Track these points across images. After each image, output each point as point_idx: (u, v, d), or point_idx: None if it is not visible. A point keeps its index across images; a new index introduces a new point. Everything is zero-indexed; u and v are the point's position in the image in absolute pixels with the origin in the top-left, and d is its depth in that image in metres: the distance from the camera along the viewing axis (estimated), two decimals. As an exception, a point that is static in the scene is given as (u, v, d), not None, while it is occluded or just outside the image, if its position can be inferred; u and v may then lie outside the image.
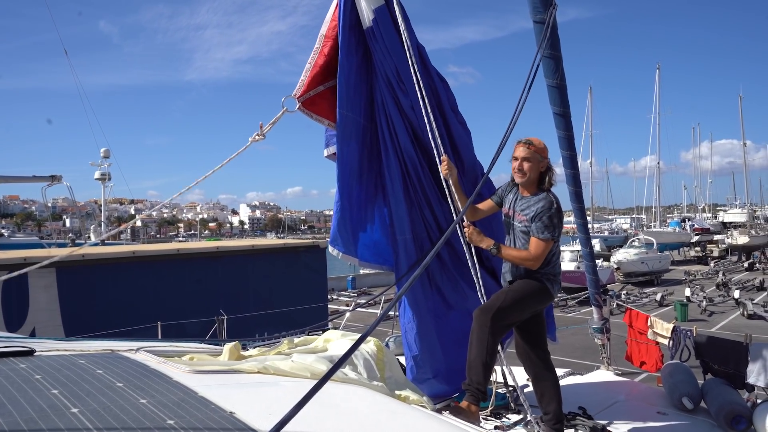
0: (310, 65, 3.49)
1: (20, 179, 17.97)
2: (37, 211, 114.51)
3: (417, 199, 3.73)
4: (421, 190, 3.72)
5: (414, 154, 3.68)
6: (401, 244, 3.67)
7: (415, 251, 3.70)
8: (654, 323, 4.93)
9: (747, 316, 17.42)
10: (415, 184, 3.71)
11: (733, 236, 42.75)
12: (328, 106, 3.58)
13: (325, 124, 3.64)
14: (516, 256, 2.97)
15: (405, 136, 3.65)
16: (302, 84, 3.49)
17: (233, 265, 9.31)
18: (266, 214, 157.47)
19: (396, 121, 3.64)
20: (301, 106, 3.47)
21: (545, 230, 2.92)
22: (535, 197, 3.03)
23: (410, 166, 3.69)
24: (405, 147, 3.66)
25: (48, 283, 7.37)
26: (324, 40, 3.51)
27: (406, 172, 3.69)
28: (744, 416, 3.35)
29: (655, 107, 47.15)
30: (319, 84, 3.54)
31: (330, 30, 3.51)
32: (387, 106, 3.63)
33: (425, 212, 3.74)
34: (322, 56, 3.50)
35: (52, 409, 1.28)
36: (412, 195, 3.72)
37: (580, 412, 3.39)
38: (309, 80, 3.48)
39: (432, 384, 3.64)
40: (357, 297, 22.96)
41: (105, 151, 24.53)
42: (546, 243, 2.92)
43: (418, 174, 3.69)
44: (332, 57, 3.51)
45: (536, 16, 3.22)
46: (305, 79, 3.48)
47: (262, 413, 1.38)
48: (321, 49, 3.50)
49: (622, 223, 63.57)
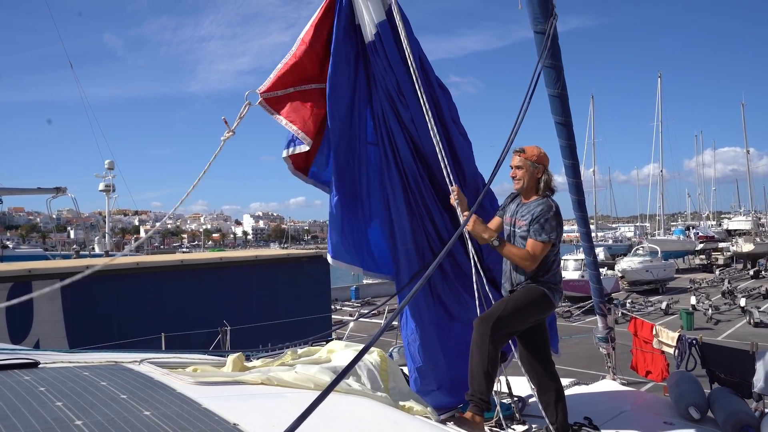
0: (281, 65, 3.52)
1: (25, 191, 18.14)
2: (42, 223, 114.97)
3: (418, 210, 3.76)
4: (422, 201, 3.75)
5: (414, 166, 3.71)
6: (402, 254, 3.68)
7: (417, 261, 3.71)
8: (659, 332, 4.90)
9: (753, 324, 17.26)
10: (416, 196, 3.74)
11: (738, 244, 42.47)
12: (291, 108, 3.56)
13: (283, 123, 3.58)
14: (515, 254, 3.01)
15: (406, 148, 3.69)
16: (269, 81, 3.50)
17: (237, 275, 9.31)
18: (270, 225, 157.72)
19: (397, 134, 3.67)
20: (263, 101, 3.46)
21: (542, 232, 2.98)
22: (535, 202, 3.10)
23: (411, 177, 3.72)
24: (406, 159, 3.69)
25: (52, 294, 7.38)
26: (299, 43, 3.55)
27: (407, 184, 3.72)
28: (752, 426, 3.31)
29: (657, 115, 47.27)
30: (290, 86, 3.54)
31: (306, 35, 3.55)
32: (388, 119, 3.66)
33: (426, 223, 3.77)
34: (293, 58, 3.53)
35: (56, 421, 1.29)
36: (413, 206, 3.75)
37: (586, 422, 3.36)
38: (275, 78, 3.50)
39: (436, 395, 3.63)
40: (361, 307, 22.91)
41: (109, 162, 24.66)
42: (543, 244, 2.98)
43: (419, 185, 3.72)
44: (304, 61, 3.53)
45: (537, 27, 3.25)
46: (273, 76, 3.50)
47: (266, 425, 1.38)
48: (294, 51, 3.54)
49: (626, 231, 63.37)
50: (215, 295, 8.72)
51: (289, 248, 52.12)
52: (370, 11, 3.51)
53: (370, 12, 3.52)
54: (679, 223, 63.20)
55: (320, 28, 3.56)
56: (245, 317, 8.41)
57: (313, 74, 3.62)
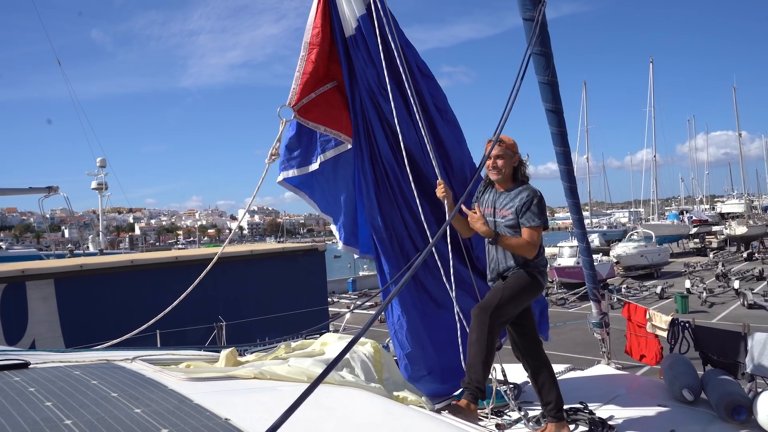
0: (299, 74, 3.55)
1: (17, 191, 18.01)
2: (36, 223, 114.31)
3: (396, 201, 3.82)
4: (400, 192, 3.80)
5: (393, 159, 3.75)
6: (378, 243, 3.77)
7: (392, 250, 3.78)
8: (652, 316, 4.94)
9: (747, 306, 17.43)
10: (395, 187, 3.79)
11: (732, 227, 42.74)
12: (321, 112, 3.64)
13: (321, 130, 3.67)
14: (515, 244, 3.03)
15: (384, 140, 3.72)
16: (295, 92, 3.54)
17: (233, 271, 9.29)
18: (265, 219, 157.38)
19: (376, 127, 3.71)
20: (297, 113, 3.53)
21: (535, 217, 3.02)
22: (515, 191, 3.11)
23: (389, 169, 3.77)
24: (384, 151, 3.73)
25: (46, 294, 7.35)
26: (309, 47, 3.56)
27: (385, 176, 3.78)
28: (744, 406, 3.34)
29: (649, 101, 47.33)
30: (311, 92, 3.59)
31: (314, 37, 3.55)
32: (367, 112, 3.70)
33: (405, 214, 3.83)
34: (310, 63, 3.56)
35: (46, 421, 1.28)
36: (392, 197, 3.81)
37: (581, 406, 3.38)
38: (301, 88, 3.54)
39: (428, 382, 3.66)
40: (357, 299, 22.98)
41: (101, 160, 24.52)
42: (539, 230, 3.04)
43: (398, 178, 3.77)
44: (319, 63, 3.57)
45: (526, 14, 3.23)
46: (297, 87, 3.54)
47: (258, 419, 1.37)
48: (308, 57, 3.56)
49: (621, 217, 63.67)
50: (211, 290, 8.71)
51: (285, 242, 52.10)
52: (351, 5, 3.50)
53: (351, 5, 3.50)
54: (673, 208, 63.55)
55: (324, 27, 3.58)
56: (242, 312, 8.42)
57: (323, 74, 3.67)
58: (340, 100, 3.74)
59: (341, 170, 3.90)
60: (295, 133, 3.74)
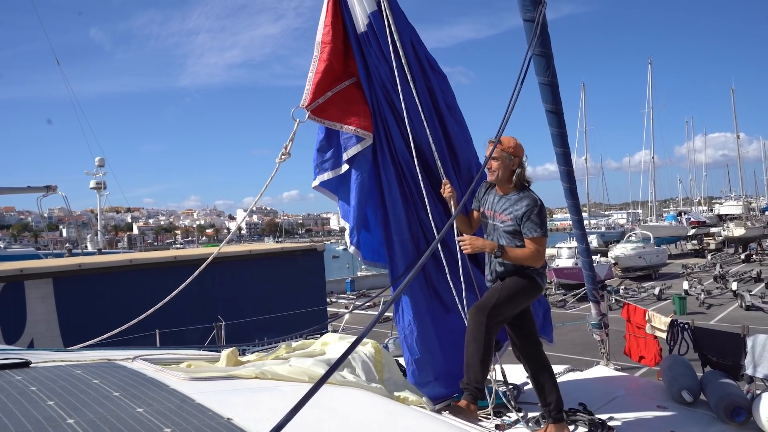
0: (312, 74, 3.51)
1: (15, 190, 17.95)
2: (34, 222, 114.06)
3: (413, 200, 3.75)
4: (417, 191, 3.73)
5: (409, 157, 3.68)
6: (398, 245, 3.68)
7: (412, 252, 3.70)
8: (652, 317, 4.94)
9: (745, 308, 17.45)
10: (411, 186, 3.72)
11: (730, 228, 42.79)
12: (338, 110, 3.58)
13: (338, 128, 3.61)
14: (520, 256, 3.01)
15: (400, 139, 3.67)
16: (308, 93, 3.50)
17: (231, 270, 9.29)
18: (263, 219, 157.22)
19: (391, 125, 3.65)
20: (311, 114, 3.49)
21: (538, 228, 3.00)
22: (516, 196, 3.09)
23: (405, 168, 3.70)
24: (400, 150, 3.67)
25: (45, 293, 7.34)
26: (321, 46, 3.53)
27: (402, 174, 3.71)
28: (743, 408, 3.35)
29: (648, 102, 47.38)
30: (327, 90, 3.55)
31: (325, 35, 3.53)
32: (382, 110, 3.64)
33: (421, 214, 3.75)
34: (322, 62, 3.52)
35: (48, 420, 1.28)
36: (408, 196, 3.74)
37: (581, 407, 3.39)
38: (314, 88, 3.50)
39: (434, 386, 3.64)
40: (356, 299, 22.96)
41: (100, 160, 24.50)
42: (543, 238, 3.02)
43: (414, 176, 3.70)
44: (332, 61, 3.54)
45: (526, 14, 3.23)
46: (310, 87, 3.50)
47: (260, 419, 1.37)
48: (320, 56, 3.52)
49: (619, 218, 63.77)
50: (210, 290, 8.70)
51: (283, 242, 52.05)
52: (362, 1, 3.49)
53: (362, 2, 3.49)
54: (671, 209, 63.60)
55: (336, 24, 3.55)
56: (241, 312, 8.42)
57: (340, 72, 3.63)
58: (361, 96, 3.67)
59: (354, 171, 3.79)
60: (325, 135, 3.70)
